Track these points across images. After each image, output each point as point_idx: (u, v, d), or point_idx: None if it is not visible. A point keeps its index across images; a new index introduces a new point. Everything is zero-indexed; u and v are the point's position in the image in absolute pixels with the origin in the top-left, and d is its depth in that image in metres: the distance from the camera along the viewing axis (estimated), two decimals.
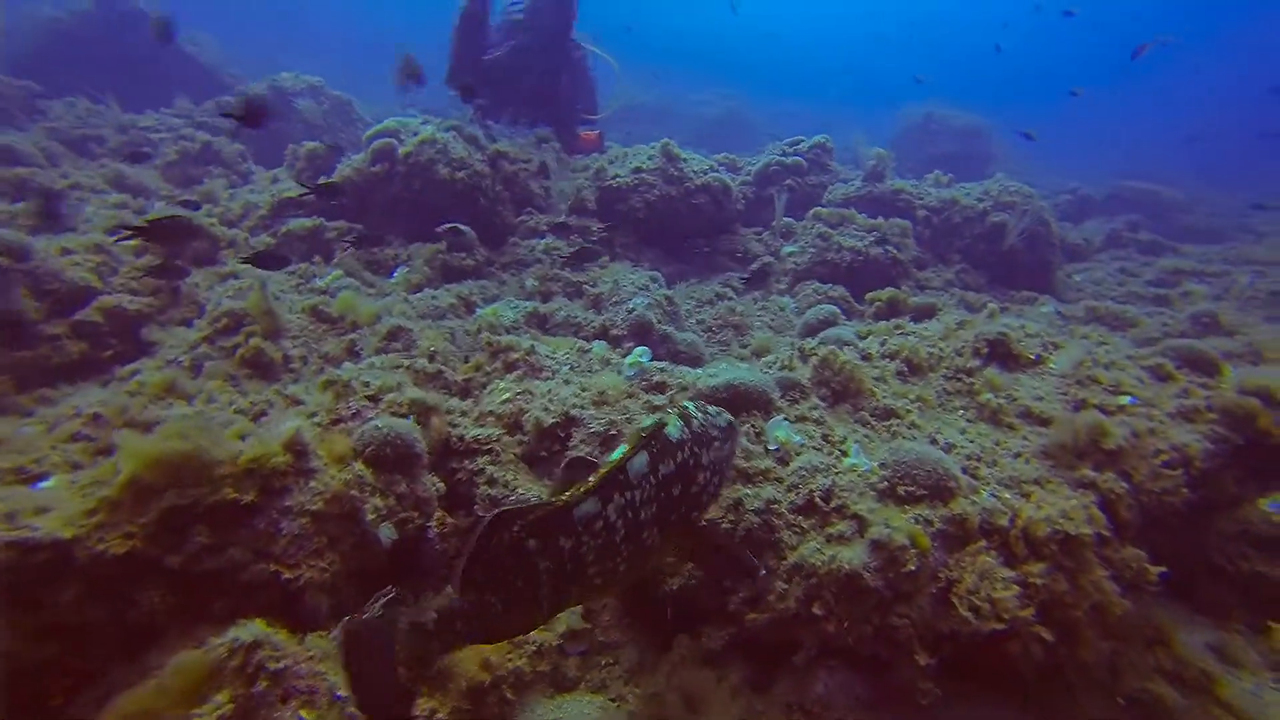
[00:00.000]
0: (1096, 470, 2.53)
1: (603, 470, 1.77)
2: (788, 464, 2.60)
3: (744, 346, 5.26)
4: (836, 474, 2.48)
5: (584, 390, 3.12)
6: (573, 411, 2.94)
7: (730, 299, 6.35)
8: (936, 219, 7.92)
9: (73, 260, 4.58)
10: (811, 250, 6.71)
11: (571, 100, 9.31)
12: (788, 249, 6.94)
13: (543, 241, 6.12)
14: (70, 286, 4.44)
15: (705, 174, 7.17)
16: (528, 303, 5.24)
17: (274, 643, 1.82)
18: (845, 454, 2.66)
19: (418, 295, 5.21)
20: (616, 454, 1.84)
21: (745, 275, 6.57)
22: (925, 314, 5.22)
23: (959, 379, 3.30)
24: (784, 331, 5.60)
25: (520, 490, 2.71)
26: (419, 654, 1.74)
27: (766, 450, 2.71)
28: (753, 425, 2.80)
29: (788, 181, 8.15)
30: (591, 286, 5.54)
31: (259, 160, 9.13)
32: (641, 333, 4.90)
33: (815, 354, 3.20)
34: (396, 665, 1.75)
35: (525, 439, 2.94)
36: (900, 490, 2.39)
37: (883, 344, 3.59)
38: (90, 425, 3.28)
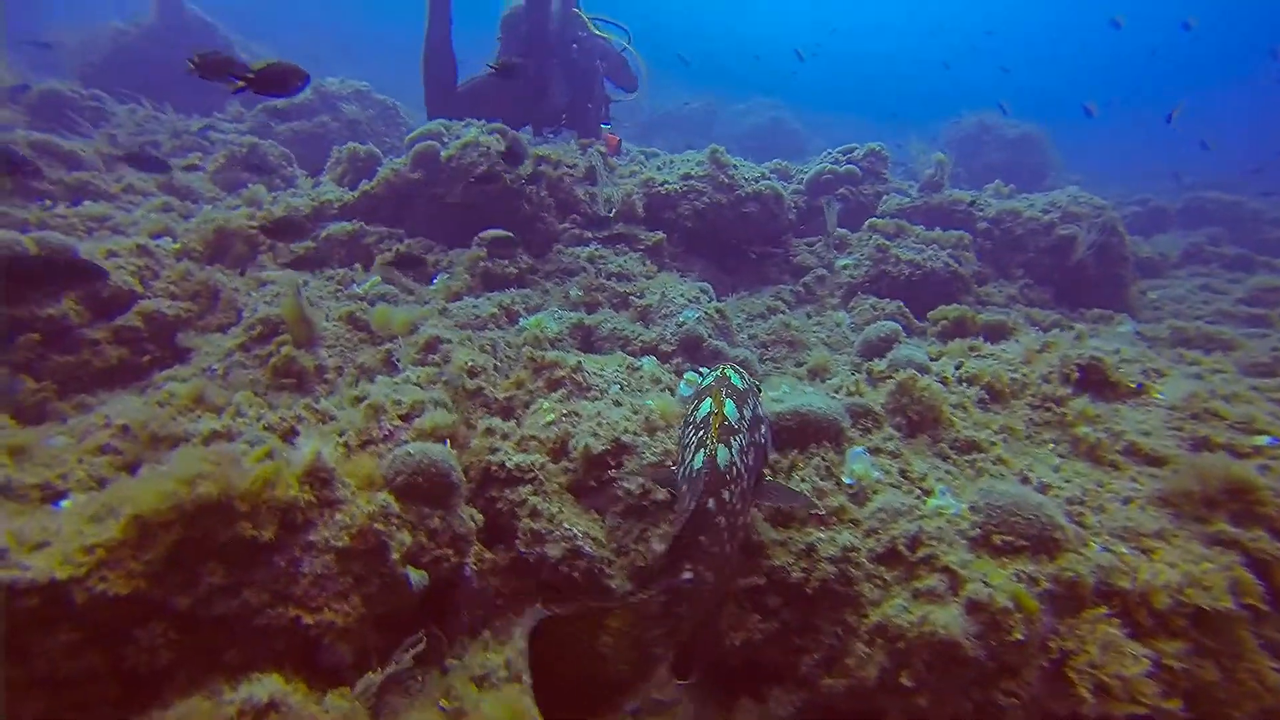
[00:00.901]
0: (1236, 525, 2.17)
1: (712, 420, 1.81)
2: (864, 504, 2.32)
3: (799, 364, 4.96)
4: (922, 518, 2.18)
5: (635, 413, 2.87)
6: (624, 438, 2.69)
7: (783, 313, 6.06)
8: (997, 230, 7.50)
9: (116, 264, 4.50)
10: (868, 263, 6.38)
11: (578, 104, 8.94)
12: (842, 261, 6.61)
13: (587, 250, 5.90)
14: (113, 290, 4.35)
15: (756, 181, 6.89)
16: (572, 314, 5.02)
17: (289, 704, 1.60)
18: (929, 493, 2.36)
19: (457, 304, 5.03)
20: (705, 407, 1.89)
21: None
22: (996, 333, 4.86)
23: (1048, 408, 2.97)
24: (841, 349, 5.28)
25: (566, 525, 2.47)
26: (637, 643, 1.39)
27: (840, 484, 2.43)
28: (823, 458, 2.52)
29: (840, 190, 7.82)
30: (639, 298, 5.30)
31: (302, 164, 9.13)
32: (692, 347, 4.65)
33: (889, 377, 2.91)
34: (605, 666, 1.37)
35: (571, 466, 2.70)
36: (996, 539, 2.08)
37: (958, 367, 3.27)
38: (119, 437, 3.15)
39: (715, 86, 27.18)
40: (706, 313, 4.94)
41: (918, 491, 2.39)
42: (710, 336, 4.74)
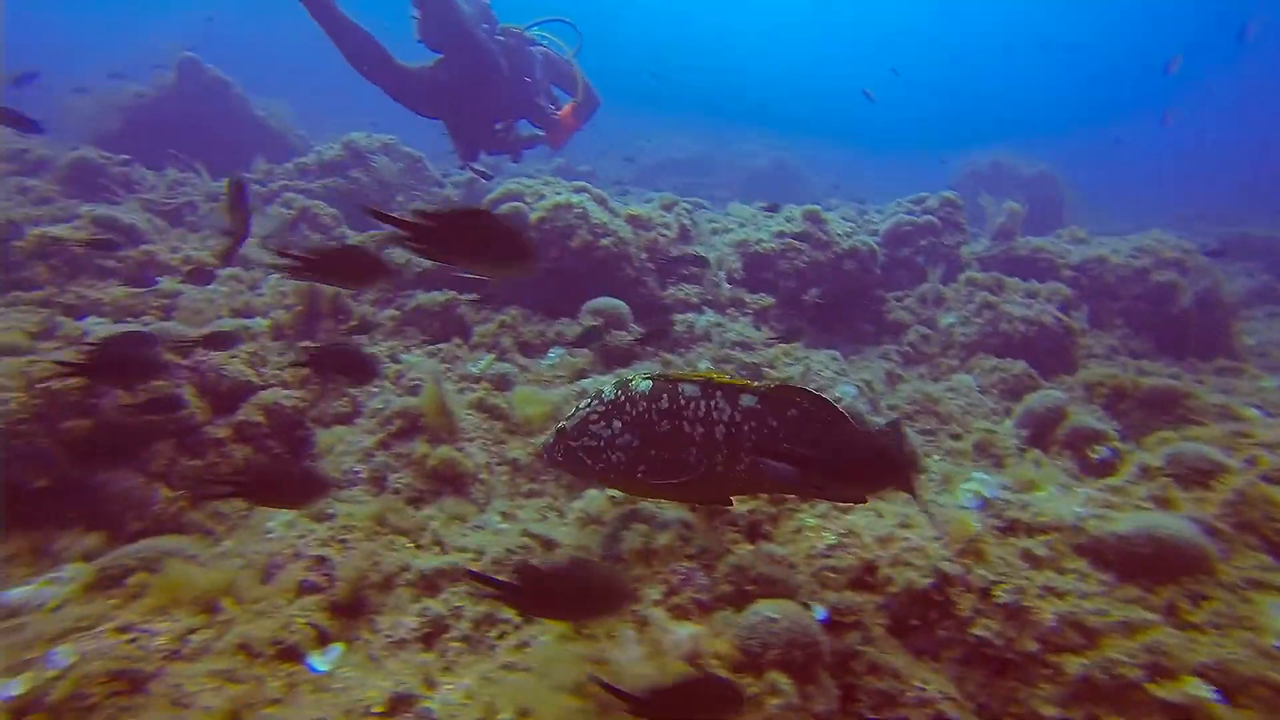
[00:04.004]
0: None
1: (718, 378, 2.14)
2: None
3: (954, 438, 4.64)
4: None
5: (937, 538, 2.53)
6: (943, 566, 2.35)
7: (900, 375, 5.78)
8: (1085, 279, 7.36)
9: (229, 353, 4.07)
10: (978, 320, 6.14)
11: (525, 101, 8.20)
12: (947, 320, 6.37)
13: (703, 318, 5.58)
14: (232, 382, 3.92)
15: (850, 237, 6.67)
16: None
17: None
18: None
19: (589, 383, 4.65)
20: (688, 389, 2.15)
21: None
22: (1165, 397, 4.62)
23: None
24: (985, 419, 4.97)
25: (918, 682, 2.10)
26: None
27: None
28: (1221, 600, 2.19)
29: (923, 242, 7.62)
30: (771, 369, 4.98)
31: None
32: None
33: (1212, 479, 2.60)
34: None
35: (883, 600, 2.34)
36: None
37: (1253, 463, 2.96)
38: (316, 570, 2.73)
39: (712, 126, 27.37)
40: (857, 387, 4.63)
41: None
42: (869, 414, 4.42)
